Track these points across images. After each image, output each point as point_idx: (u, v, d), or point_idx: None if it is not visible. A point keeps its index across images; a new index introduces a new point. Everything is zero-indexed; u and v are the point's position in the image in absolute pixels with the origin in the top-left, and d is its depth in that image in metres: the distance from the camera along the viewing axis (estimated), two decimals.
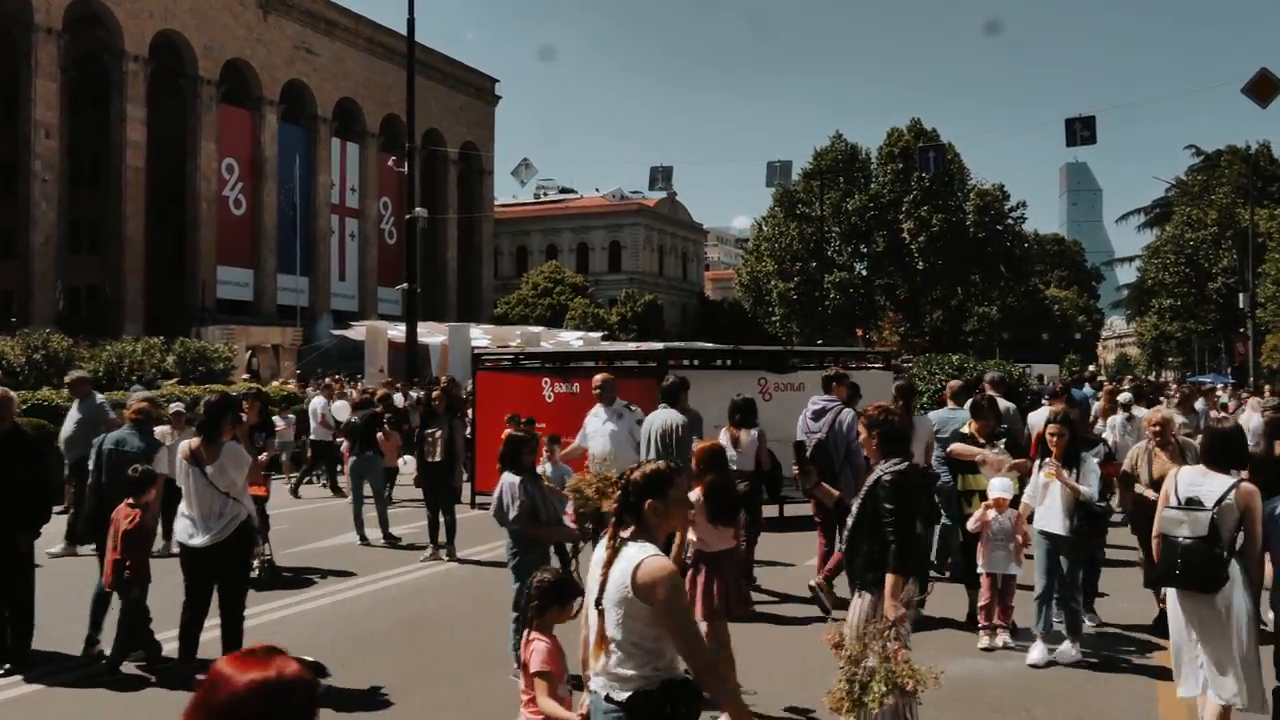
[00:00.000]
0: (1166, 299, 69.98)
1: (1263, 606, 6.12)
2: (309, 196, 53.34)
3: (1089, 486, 7.79)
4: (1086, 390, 19.16)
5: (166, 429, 11.25)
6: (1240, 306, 54.39)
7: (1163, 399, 20.61)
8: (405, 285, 26.79)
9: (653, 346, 19.12)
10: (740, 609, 6.73)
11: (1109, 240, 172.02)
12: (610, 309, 66.54)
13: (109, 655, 7.52)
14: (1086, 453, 8.14)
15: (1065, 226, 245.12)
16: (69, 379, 13.18)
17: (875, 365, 16.20)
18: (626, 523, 3.69)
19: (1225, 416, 17.64)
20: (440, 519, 11.98)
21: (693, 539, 6.54)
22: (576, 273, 70.46)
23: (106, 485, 8.09)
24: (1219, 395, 24.67)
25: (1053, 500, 7.82)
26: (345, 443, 15.79)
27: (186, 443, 7.37)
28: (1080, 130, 22.82)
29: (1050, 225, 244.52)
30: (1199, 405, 16.56)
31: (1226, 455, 5.76)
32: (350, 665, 7.61)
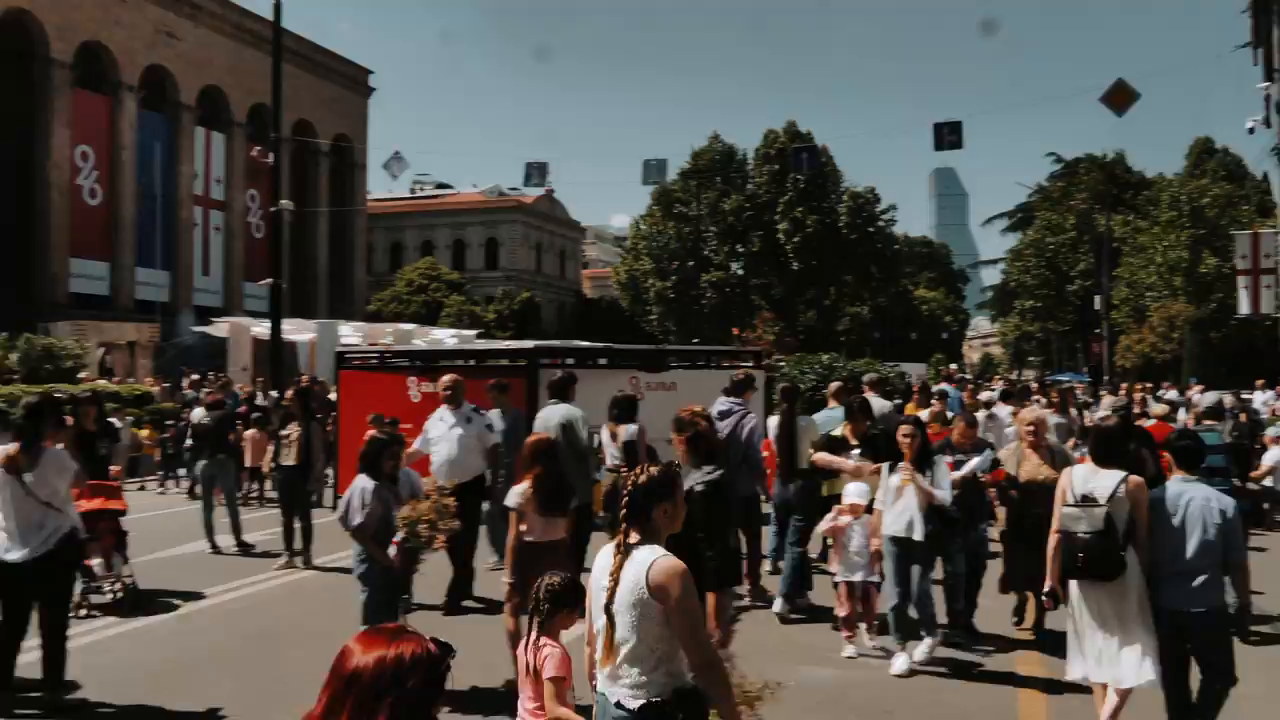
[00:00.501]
0: (1028, 300, 72.52)
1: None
2: (171, 187, 51.24)
3: (942, 490, 7.58)
4: (947, 389, 19.48)
5: None
6: (1096, 308, 56.63)
7: (1035, 399, 21.11)
8: (271, 280, 25.84)
9: (523, 345, 18.77)
10: None
11: (974, 243, 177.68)
12: (487, 307, 65.76)
13: None
14: (939, 455, 7.96)
15: (934, 229, 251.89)
16: None
17: (747, 364, 16.17)
18: (634, 528, 3.69)
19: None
20: (296, 524, 11.47)
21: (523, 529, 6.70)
22: (452, 270, 69.40)
23: None
24: (1077, 394, 25.44)
25: (905, 504, 7.56)
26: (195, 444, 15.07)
27: (3, 449, 6.78)
28: (947, 135, 23.19)
29: (919, 228, 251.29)
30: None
31: (1112, 452, 6.11)
32: (190, 685, 7.14)
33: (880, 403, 13.71)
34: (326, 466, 13.86)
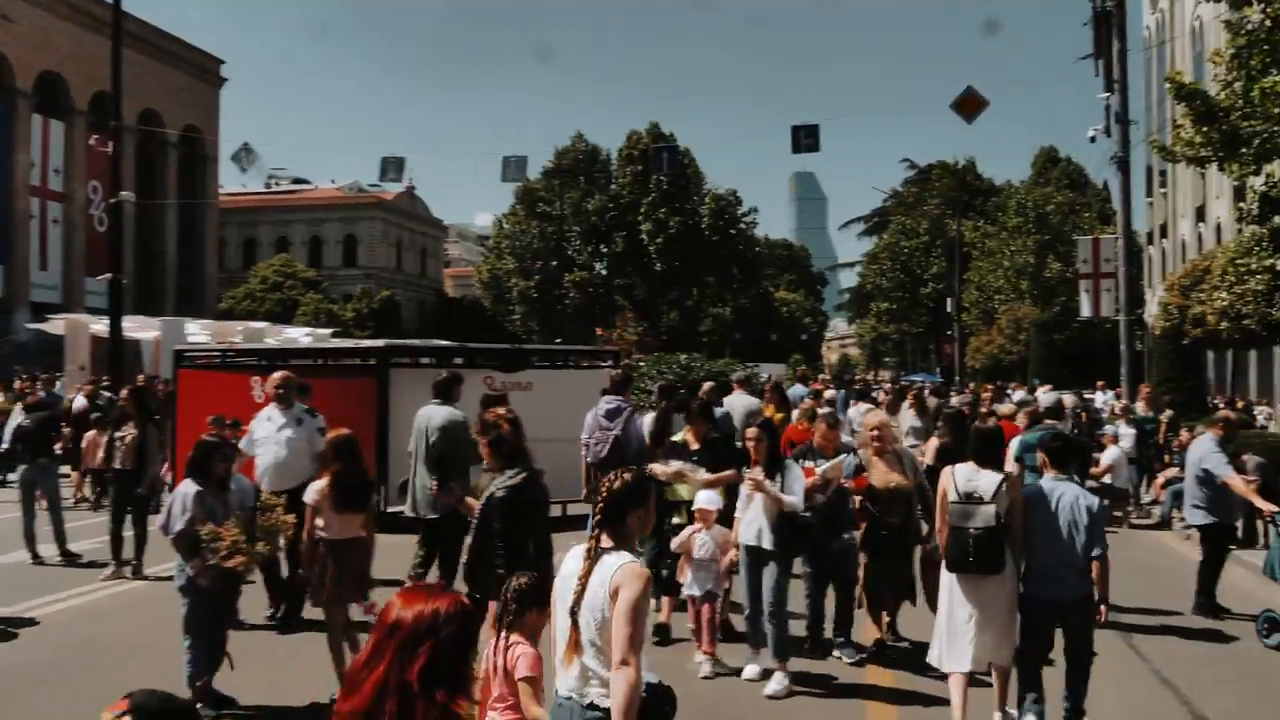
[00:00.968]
0: (883, 303, 74.52)
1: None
2: (6, 177, 48.47)
3: (794, 495, 7.20)
4: (800, 389, 19.69)
5: None
6: (948, 310, 58.48)
7: (880, 396, 21.46)
8: (110, 275, 24.60)
9: (373, 344, 18.23)
10: (358, 597, 6.80)
11: (833, 246, 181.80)
12: (345, 305, 64.17)
13: None
14: (791, 460, 7.64)
15: (794, 232, 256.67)
16: None
17: (606, 364, 16.02)
18: (606, 532, 3.75)
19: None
20: (127, 532, 10.81)
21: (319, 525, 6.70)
22: (309, 267, 67.51)
23: None
24: (926, 393, 26.02)
25: (755, 512, 7.23)
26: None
27: None
28: (805, 138, 23.45)
29: (780, 231, 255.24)
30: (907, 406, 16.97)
31: (993, 452, 6.52)
32: (6, 704, 6.58)
33: (749, 400, 13.76)
34: (165, 470, 13.17)
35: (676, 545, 7.76)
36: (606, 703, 3.56)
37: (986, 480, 6.27)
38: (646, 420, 11.11)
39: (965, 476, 6.34)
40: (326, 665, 6.85)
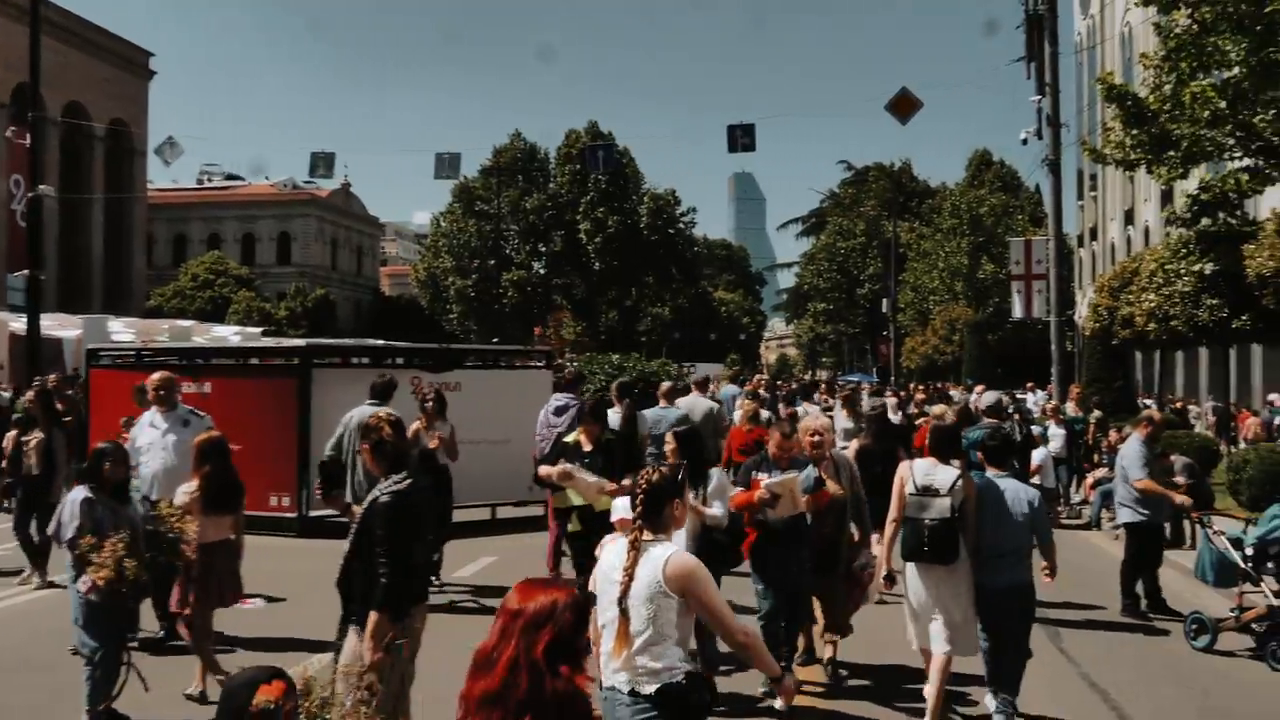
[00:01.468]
0: (820, 303, 75.06)
1: None
2: None
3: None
4: (733, 389, 19.58)
5: None
6: (884, 311, 58.98)
7: (815, 397, 21.44)
8: (28, 272, 23.90)
9: (294, 343, 17.77)
10: (235, 598, 6.83)
11: (772, 247, 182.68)
12: (279, 304, 63.09)
13: None
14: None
15: (733, 232, 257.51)
16: None
17: (537, 365, 15.78)
18: (647, 525, 3.96)
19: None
20: (35, 538, 10.35)
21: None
22: (242, 264, 66.29)
23: None
24: (861, 394, 26.11)
25: None
26: None
27: None
28: (741, 137, 23.39)
29: (719, 231, 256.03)
30: (864, 403, 16.89)
31: (950, 449, 6.84)
32: None
33: (705, 403, 13.58)
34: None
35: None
36: (648, 688, 3.75)
37: (944, 475, 6.60)
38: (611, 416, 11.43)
39: (924, 471, 6.67)
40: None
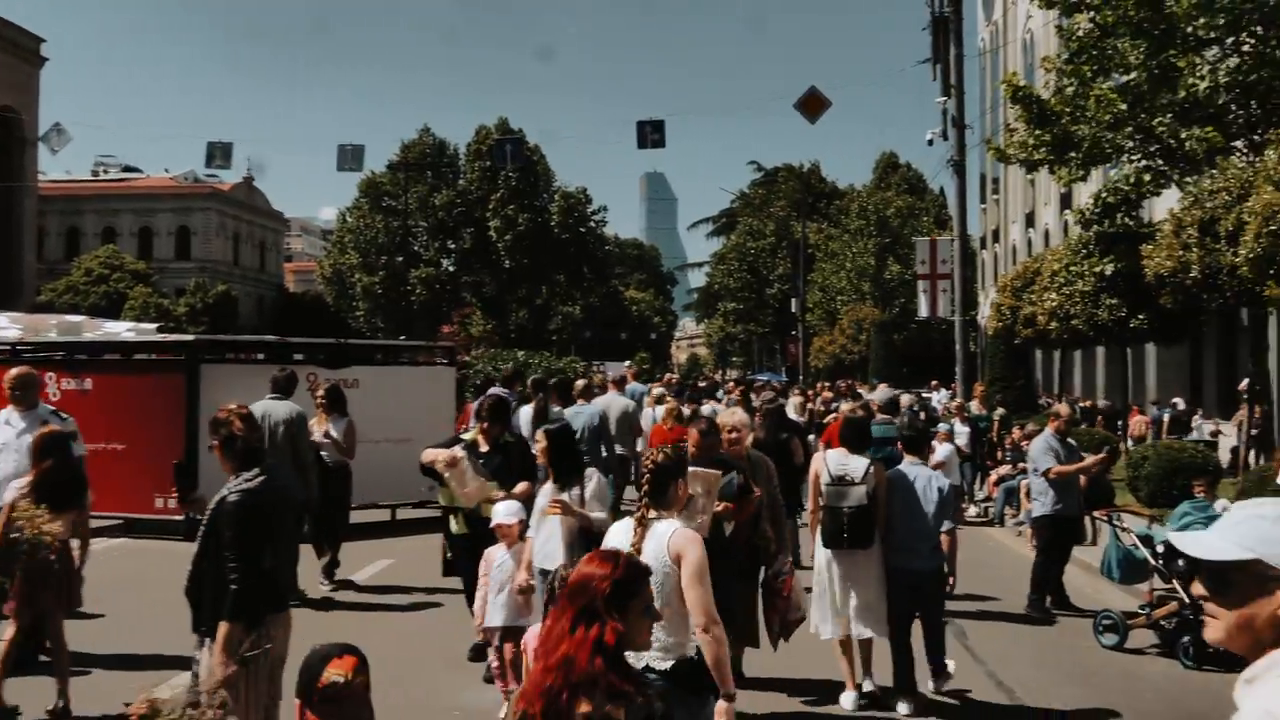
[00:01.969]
0: (731, 303, 75.43)
1: None
2: None
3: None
4: (636, 386, 19.41)
5: None
6: (793, 311, 59.47)
7: (720, 395, 21.35)
8: None
9: (180, 338, 17.13)
10: (77, 603, 6.61)
11: (683, 246, 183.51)
12: (177, 300, 61.28)
13: None
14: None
15: (644, 232, 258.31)
16: None
17: (440, 361, 15.40)
18: (653, 504, 4.13)
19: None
20: None
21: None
22: (139, 259, 64.20)
23: None
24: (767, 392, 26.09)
25: (552, 530, 6.05)
26: None
27: None
28: (651, 134, 23.24)
29: (631, 230, 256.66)
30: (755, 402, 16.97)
31: (861, 439, 7.14)
32: None
33: (623, 401, 13.39)
34: None
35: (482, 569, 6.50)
36: (662, 664, 3.83)
37: (856, 464, 6.94)
38: (523, 413, 11.83)
39: (837, 461, 7.01)
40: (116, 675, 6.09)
